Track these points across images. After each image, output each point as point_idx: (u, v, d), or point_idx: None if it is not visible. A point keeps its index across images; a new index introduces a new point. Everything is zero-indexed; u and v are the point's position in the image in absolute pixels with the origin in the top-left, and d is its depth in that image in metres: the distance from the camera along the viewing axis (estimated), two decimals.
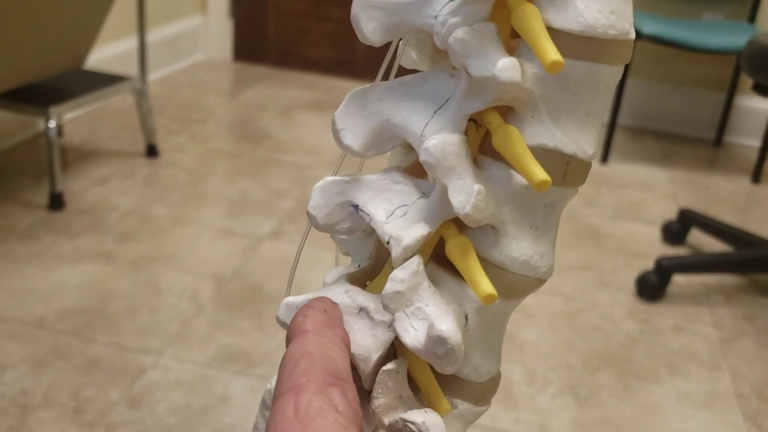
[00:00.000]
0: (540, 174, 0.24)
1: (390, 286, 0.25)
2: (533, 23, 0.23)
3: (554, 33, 0.24)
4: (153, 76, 2.90)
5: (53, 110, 1.87)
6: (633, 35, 0.25)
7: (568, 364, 1.49)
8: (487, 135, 0.26)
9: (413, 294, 0.25)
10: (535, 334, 1.57)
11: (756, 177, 2.55)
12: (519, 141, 0.25)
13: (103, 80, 2.10)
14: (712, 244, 2.02)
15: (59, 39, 1.91)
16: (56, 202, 1.89)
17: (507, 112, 0.26)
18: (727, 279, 1.86)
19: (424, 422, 0.25)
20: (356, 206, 0.27)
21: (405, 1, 0.25)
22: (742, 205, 2.36)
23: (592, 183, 2.37)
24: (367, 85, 0.27)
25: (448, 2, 0.24)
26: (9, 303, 1.51)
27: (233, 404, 1.30)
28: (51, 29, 1.85)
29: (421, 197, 0.27)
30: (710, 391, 1.45)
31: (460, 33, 0.24)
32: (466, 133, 0.26)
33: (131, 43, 2.69)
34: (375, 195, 0.27)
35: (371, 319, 0.27)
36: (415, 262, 0.26)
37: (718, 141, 2.89)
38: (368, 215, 0.27)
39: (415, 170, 0.28)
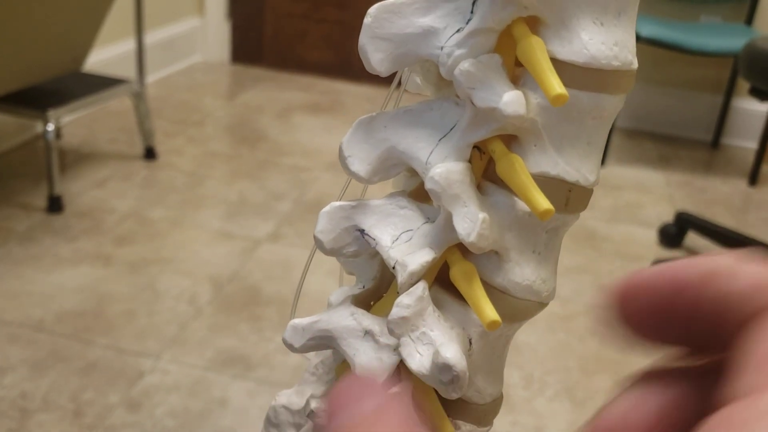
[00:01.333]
0: (543, 203, 0.24)
1: (396, 312, 0.26)
2: (538, 56, 0.24)
3: (558, 64, 0.24)
4: (151, 78, 2.90)
5: (51, 113, 1.87)
6: (636, 65, 0.25)
7: (565, 367, 1.49)
8: (491, 161, 0.27)
9: (418, 319, 0.26)
10: (532, 337, 1.58)
11: (753, 179, 2.56)
12: (523, 170, 0.25)
13: (101, 83, 2.10)
14: (708, 247, 2.03)
15: (57, 41, 1.91)
16: (55, 204, 1.89)
17: (511, 140, 0.26)
18: None
19: None
20: (362, 231, 0.28)
21: (412, 33, 0.25)
22: (738, 207, 2.36)
23: None
24: (374, 113, 0.28)
25: (454, 34, 0.25)
26: (8, 306, 1.51)
27: (231, 407, 1.30)
28: (49, 32, 1.85)
29: (426, 222, 0.27)
30: None
31: (465, 65, 0.24)
32: (470, 160, 0.26)
33: (129, 45, 2.69)
34: (380, 220, 0.28)
35: (376, 342, 0.27)
36: (420, 288, 0.26)
37: (715, 143, 2.90)
38: (374, 240, 0.27)
39: (420, 195, 0.29)
